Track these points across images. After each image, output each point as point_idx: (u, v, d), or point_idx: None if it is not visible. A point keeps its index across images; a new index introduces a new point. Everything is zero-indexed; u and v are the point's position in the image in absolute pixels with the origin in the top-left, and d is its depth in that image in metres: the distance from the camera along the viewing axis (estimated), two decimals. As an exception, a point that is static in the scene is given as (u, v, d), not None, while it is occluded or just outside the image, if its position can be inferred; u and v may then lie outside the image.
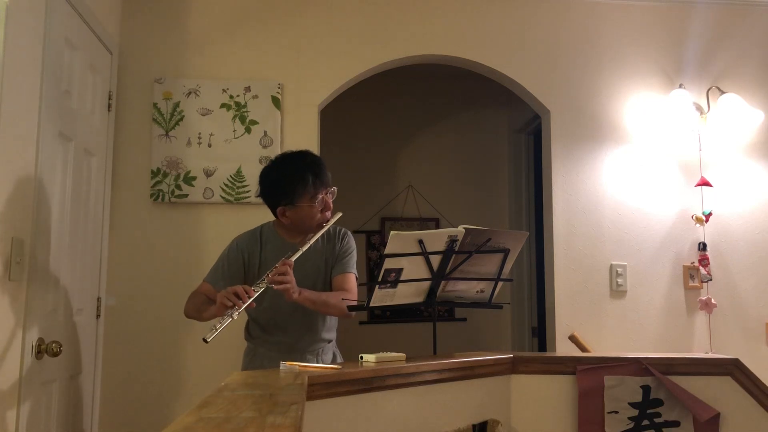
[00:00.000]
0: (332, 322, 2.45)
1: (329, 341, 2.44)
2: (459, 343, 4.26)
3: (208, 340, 1.99)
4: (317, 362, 2.36)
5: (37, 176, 2.12)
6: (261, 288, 2.13)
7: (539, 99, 3.28)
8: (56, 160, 2.30)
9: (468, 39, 3.25)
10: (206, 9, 3.10)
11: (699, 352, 3.16)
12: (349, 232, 2.47)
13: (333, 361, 2.38)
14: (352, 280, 2.36)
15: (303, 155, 2.36)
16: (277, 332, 2.40)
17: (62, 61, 2.34)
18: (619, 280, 3.20)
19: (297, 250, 2.22)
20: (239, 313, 2.05)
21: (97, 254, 2.79)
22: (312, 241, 2.27)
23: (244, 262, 2.36)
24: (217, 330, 2.01)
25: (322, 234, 2.36)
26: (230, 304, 2.06)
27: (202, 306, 2.28)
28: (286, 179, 2.29)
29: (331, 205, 2.35)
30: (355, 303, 2.37)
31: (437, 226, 4.47)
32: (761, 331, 3.25)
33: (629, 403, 2.02)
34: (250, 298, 2.08)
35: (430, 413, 1.83)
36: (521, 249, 2.36)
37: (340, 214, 2.35)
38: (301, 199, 2.28)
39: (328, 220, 2.32)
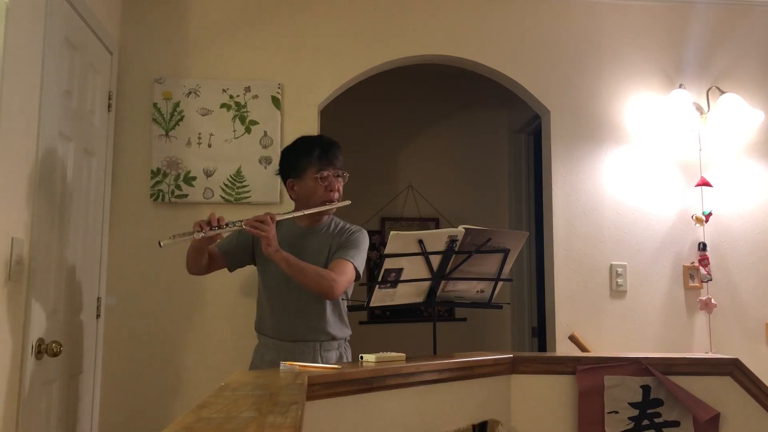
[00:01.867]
0: (338, 317, 2.43)
1: (333, 337, 2.41)
2: (459, 343, 4.26)
3: (162, 244, 2.20)
4: (316, 355, 2.38)
5: (37, 176, 2.12)
6: (236, 226, 2.23)
7: (539, 99, 3.28)
8: (56, 160, 2.30)
9: (468, 39, 3.25)
10: (206, 9, 3.10)
11: (699, 352, 3.16)
12: (365, 231, 2.48)
13: (338, 362, 2.37)
14: (343, 264, 2.31)
15: (319, 136, 2.52)
16: (276, 314, 2.43)
17: (62, 61, 2.34)
18: (619, 280, 3.20)
19: (288, 213, 2.35)
20: (203, 235, 2.20)
21: (97, 254, 2.79)
22: (307, 212, 2.36)
23: (253, 236, 2.38)
24: (173, 238, 2.21)
25: (337, 225, 2.45)
26: (198, 228, 2.21)
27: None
28: (295, 152, 2.44)
29: (337, 187, 2.41)
30: (345, 297, 2.36)
31: (437, 226, 4.46)
32: (761, 331, 3.25)
33: (629, 403, 2.03)
34: (221, 228, 2.21)
35: (430, 413, 1.84)
36: (521, 249, 2.36)
37: (348, 202, 2.43)
38: (306, 171, 2.39)
39: (332, 201, 2.39)
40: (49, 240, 2.23)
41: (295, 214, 2.36)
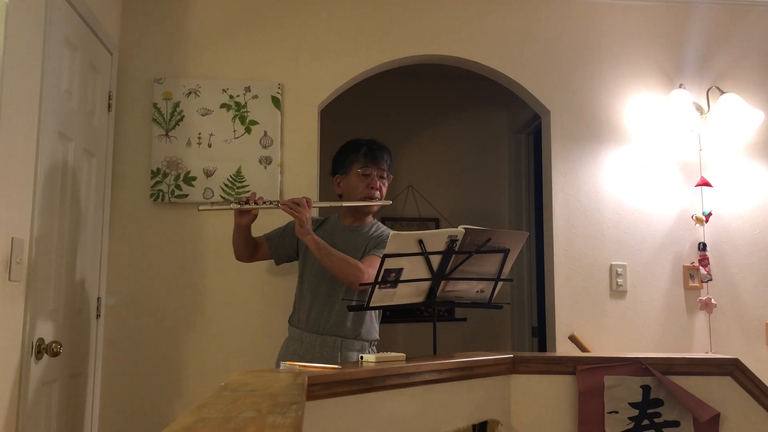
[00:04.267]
0: (364, 314, 2.48)
1: (356, 335, 2.46)
2: (459, 343, 4.26)
3: (200, 209, 2.53)
4: (336, 351, 2.43)
5: (37, 176, 2.12)
6: (272, 205, 2.42)
7: (539, 99, 3.28)
8: (56, 160, 2.30)
9: (468, 39, 3.24)
10: (206, 9, 3.10)
11: (699, 352, 3.16)
12: None
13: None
14: (374, 259, 2.37)
15: (370, 139, 2.66)
16: (305, 306, 2.50)
17: (62, 61, 2.34)
18: (619, 280, 3.20)
19: (326, 202, 2.61)
20: (239, 207, 2.42)
21: (97, 254, 2.79)
22: (345, 204, 2.53)
23: None
24: (212, 206, 2.56)
25: (378, 228, 2.56)
26: (239, 201, 2.43)
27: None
28: (344, 149, 2.62)
29: (379, 186, 2.55)
30: (354, 302, 2.39)
31: (437, 226, 4.46)
32: (761, 331, 3.25)
33: (629, 403, 2.03)
34: (257, 204, 2.41)
35: (430, 413, 1.84)
36: (521, 249, 2.36)
37: (388, 202, 2.59)
38: (352, 167, 2.56)
39: (372, 198, 2.52)
40: (49, 240, 2.23)
41: (333, 204, 2.53)
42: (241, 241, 2.56)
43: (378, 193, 2.55)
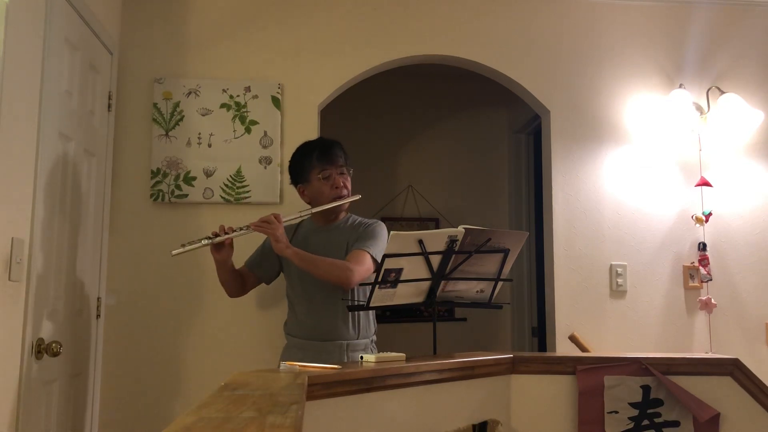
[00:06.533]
0: (364, 321, 2.47)
1: (358, 335, 2.45)
2: (459, 343, 4.26)
3: (173, 253, 2.33)
4: (343, 355, 2.42)
5: (37, 176, 2.12)
6: (243, 232, 2.35)
7: (539, 99, 3.28)
8: (56, 160, 2.30)
9: (468, 39, 3.24)
10: (206, 9, 3.10)
11: (699, 352, 3.16)
12: (382, 223, 2.54)
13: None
14: (360, 254, 2.35)
15: (318, 138, 2.62)
16: (301, 314, 2.48)
17: (62, 61, 2.34)
18: (619, 280, 3.20)
19: (296, 214, 2.45)
20: (211, 242, 2.33)
21: (97, 254, 2.79)
22: (314, 210, 2.45)
23: None
24: (184, 248, 2.33)
25: (354, 221, 2.54)
26: (210, 235, 2.34)
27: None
28: (298, 158, 2.54)
29: (342, 183, 2.48)
30: (355, 302, 2.39)
31: (437, 226, 4.47)
32: (761, 331, 3.25)
33: (629, 403, 2.03)
34: (227, 234, 2.34)
35: (430, 413, 1.84)
36: (521, 249, 2.36)
37: (358, 197, 2.50)
38: (310, 174, 2.47)
39: (340, 197, 2.46)
40: (49, 240, 2.23)
41: (303, 213, 2.45)
42: (229, 277, 2.48)
43: (345, 190, 2.48)
